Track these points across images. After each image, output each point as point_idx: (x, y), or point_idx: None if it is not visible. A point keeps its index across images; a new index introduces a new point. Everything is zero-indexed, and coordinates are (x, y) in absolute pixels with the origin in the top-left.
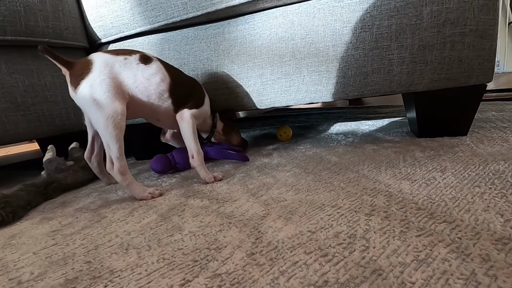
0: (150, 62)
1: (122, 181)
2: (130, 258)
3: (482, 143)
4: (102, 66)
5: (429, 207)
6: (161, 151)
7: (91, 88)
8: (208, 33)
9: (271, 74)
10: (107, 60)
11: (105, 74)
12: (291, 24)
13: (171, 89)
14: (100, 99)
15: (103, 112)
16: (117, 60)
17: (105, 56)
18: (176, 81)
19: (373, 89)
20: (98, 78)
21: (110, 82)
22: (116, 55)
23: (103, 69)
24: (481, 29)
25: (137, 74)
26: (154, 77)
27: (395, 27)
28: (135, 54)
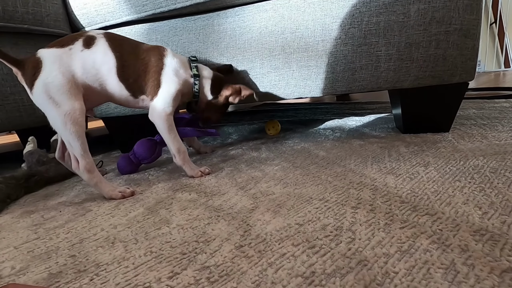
0: (93, 44)
1: (89, 179)
2: (117, 251)
3: (463, 139)
4: (51, 62)
5: (412, 200)
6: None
7: (45, 86)
8: (197, 25)
9: (260, 68)
10: (54, 54)
11: (55, 69)
12: (281, 17)
13: (119, 72)
14: (55, 97)
15: (59, 110)
16: (64, 52)
17: (52, 51)
18: (125, 63)
19: (361, 85)
20: (50, 76)
21: (62, 77)
22: (61, 47)
23: (52, 65)
24: (465, 28)
25: (84, 62)
26: (99, 61)
27: (383, 24)
28: (78, 40)
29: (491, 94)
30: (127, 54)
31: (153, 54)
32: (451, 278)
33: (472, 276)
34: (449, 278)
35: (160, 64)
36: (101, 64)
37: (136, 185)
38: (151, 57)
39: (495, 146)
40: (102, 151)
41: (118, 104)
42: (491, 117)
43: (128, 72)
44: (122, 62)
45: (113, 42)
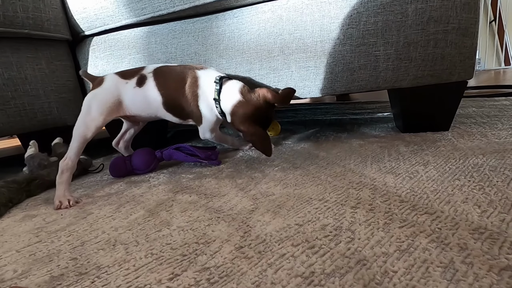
0: (144, 83)
1: (59, 176)
2: (118, 254)
3: (462, 138)
4: (109, 85)
5: (411, 199)
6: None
7: (93, 97)
8: (196, 27)
9: (259, 70)
10: (114, 81)
11: (109, 92)
12: (279, 19)
13: (165, 106)
14: (92, 107)
15: (86, 116)
16: (121, 82)
17: (114, 78)
18: (170, 98)
19: (359, 85)
20: (102, 92)
21: (109, 99)
22: (122, 78)
23: (108, 88)
24: (463, 27)
25: (135, 96)
26: (148, 97)
27: (381, 24)
28: (134, 77)
29: (491, 92)
30: (172, 90)
31: (189, 87)
32: (450, 276)
33: (470, 275)
34: (448, 277)
35: (196, 97)
36: (151, 100)
37: (137, 187)
38: (189, 91)
39: (495, 144)
40: (104, 153)
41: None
42: (491, 115)
43: (173, 105)
44: (167, 98)
45: (159, 81)
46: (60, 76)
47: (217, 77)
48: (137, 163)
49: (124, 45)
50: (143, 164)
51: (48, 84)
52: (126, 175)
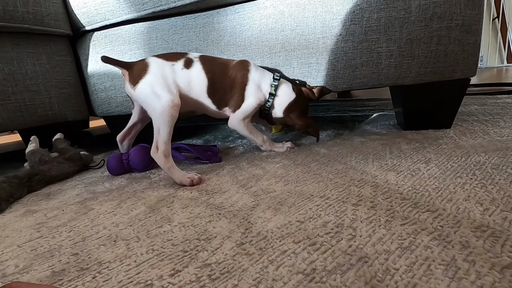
0: (191, 66)
1: (164, 163)
2: (119, 249)
3: (464, 135)
4: (156, 68)
5: (413, 197)
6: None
7: (150, 85)
8: (197, 23)
9: (261, 66)
10: (159, 64)
11: (159, 75)
12: (281, 14)
13: (208, 91)
14: (158, 92)
15: (160, 102)
16: (167, 64)
17: (157, 60)
18: (214, 82)
19: (361, 82)
20: (154, 78)
21: (165, 81)
22: (166, 60)
23: (157, 71)
24: (466, 24)
25: (182, 78)
26: (193, 80)
27: (384, 20)
28: (180, 59)
29: (494, 90)
30: (217, 75)
31: (239, 70)
32: (452, 274)
33: (473, 273)
34: (450, 275)
35: (245, 80)
36: (196, 83)
37: (138, 183)
38: (237, 73)
39: (497, 142)
40: (105, 149)
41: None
42: (493, 113)
43: (216, 89)
44: (212, 82)
45: (206, 65)
46: (60, 71)
47: (277, 74)
48: (135, 162)
49: (125, 41)
50: (142, 164)
51: (49, 80)
52: (124, 173)
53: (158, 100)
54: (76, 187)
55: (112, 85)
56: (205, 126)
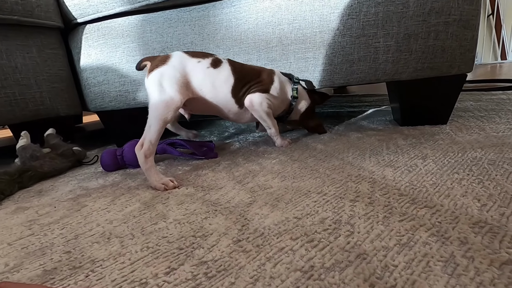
0: (219, 65)
1: (144, 163)
2: (113, 247)
3: (461, 131)
4: (177, 62)
5: (411, 193)
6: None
7: (161, 75)
8: (192, 16)
9: (257, 60)
10: (182, 59)
11: (177, 69)
12: (278, 8)
13: (233, 91)
14: (164, 86)
15: (161, 96)
16: (191, 61)
17: (182, 55)
18: (239, 82)
19: (359, 77)
20: (169, 70)
21: (179, 77)
22: (192, 57)
23: (177, 65)
24: (464, 19)
25: (205, 76)
26: (219, 80)
27: (382, 15)
28: (208, 58)
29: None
30: (244, 75)
31: (265, 73)
32: (451, 270)
33: (471, 269)
34: (449, 271)
35: (270, 80)
36: (221, 82)
37: (132, 179)
38: (264, 75)
39: (493, 138)
40: (99, 145)
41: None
42: (489, 109)
43: (240, 87)
44: (238, 82)
45: (234, 67)
46: (52, 65)
47: (296, 78)
48: (129, 158)
49: (118, 34)
50: (135, 159)
51: (40, 73)
52: (118, 169)
53: (160, 93)
54: (68, 184)
55: (105, 79)
56: (200, 122)
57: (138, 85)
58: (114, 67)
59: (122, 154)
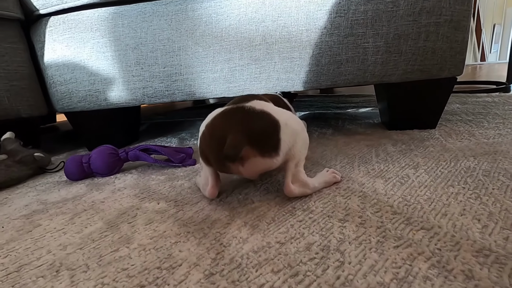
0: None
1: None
2: (61, 283)
3: (450, 137)
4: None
5: (405, 210)
6: (117, 140)
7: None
8: (169, 10)
9: (240, 59)
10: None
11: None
12: (261, 3)
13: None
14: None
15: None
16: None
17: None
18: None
19: (346, 79)
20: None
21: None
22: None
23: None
24: (455, 20)
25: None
26: None
27: (371, 14)
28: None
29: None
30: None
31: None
32: None
33: None
34: None
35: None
36: None
37: (99, 190)
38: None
39: (484, 145)
40: (69, 148)
41: None
42: (476, 112)
43: None
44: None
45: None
46: (10, 60)
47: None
48: (97, 166)
49: (87, 27)
50: (105, 168)
51: None
52: (84, 178)
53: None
54: (26, 195)
55: (73, 77)
56: (181, 122)
57: (109, 84)
58: (82, 64)
59: (89, 162)
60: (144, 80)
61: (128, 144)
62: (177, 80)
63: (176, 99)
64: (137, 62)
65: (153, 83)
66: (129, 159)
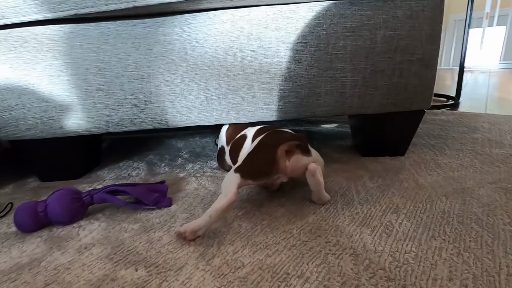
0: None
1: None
2: None
3: (420, 168)
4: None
5: (398, 275)
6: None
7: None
8: (136, 32)
9: (217, 89)
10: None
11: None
12: (240, 32)
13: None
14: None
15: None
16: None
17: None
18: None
19: (325, 110)
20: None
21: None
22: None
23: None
24: (426, 58)
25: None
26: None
27: (350, 49)
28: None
29: None
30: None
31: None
32: None
33: None
34: None
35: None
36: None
37: (61, 249)
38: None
39: (451, 180)
40: (14, 177)
41: None
42: (436, 134)
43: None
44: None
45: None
46: None
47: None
48: (57, 214)
49: (36, 47)
50: (67, 216)
51: None
52: (40, 228)
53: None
54: None
55: (19, 103)
56: (148, 140)
57: (66, 111)
58: (31, 88)
59: (46, 210)
60: (108, 107)
61: (88, 172)
62: (147, 108)
63: (146, 127)
64: (99, 88)
65: (119, 111)
66: (94, 202)
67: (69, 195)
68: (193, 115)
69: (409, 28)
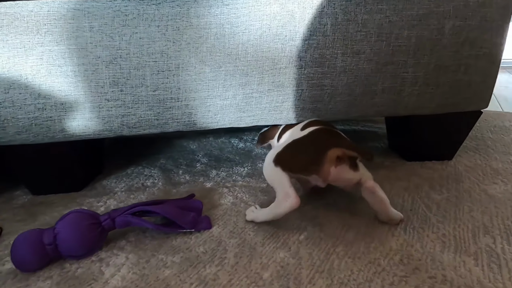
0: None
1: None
2: None
3: (479, 175)
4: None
5: None
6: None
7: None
8: (163, 13)
9: (259, 85)
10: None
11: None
12: (290, 16)
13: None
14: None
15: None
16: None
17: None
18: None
19: (378, 110)
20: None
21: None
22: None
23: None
24: (493, 53)
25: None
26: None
27: (415, 40)
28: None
29: None
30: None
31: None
32: None
33: None
34: None
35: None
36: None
37: None
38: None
39: None
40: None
41: None
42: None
43: None
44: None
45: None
46: None
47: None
48: (71, 246)
49: (31, 28)
50: (83, 249)
51: None
52: (47, 265)
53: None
54: None
55: (7, 99)
56: (153, 140)
57: (69, 110)
58: (23, 81)
59: (55, 242)
60: (124, 105)
61: (90, 181)
62: (173, 107)
63: (169, 129)
64: (114, 81)
65: (137, 110)
66: (116, 227)
67: (85, 219)
68: (228, 115)
69: (480, 18)
